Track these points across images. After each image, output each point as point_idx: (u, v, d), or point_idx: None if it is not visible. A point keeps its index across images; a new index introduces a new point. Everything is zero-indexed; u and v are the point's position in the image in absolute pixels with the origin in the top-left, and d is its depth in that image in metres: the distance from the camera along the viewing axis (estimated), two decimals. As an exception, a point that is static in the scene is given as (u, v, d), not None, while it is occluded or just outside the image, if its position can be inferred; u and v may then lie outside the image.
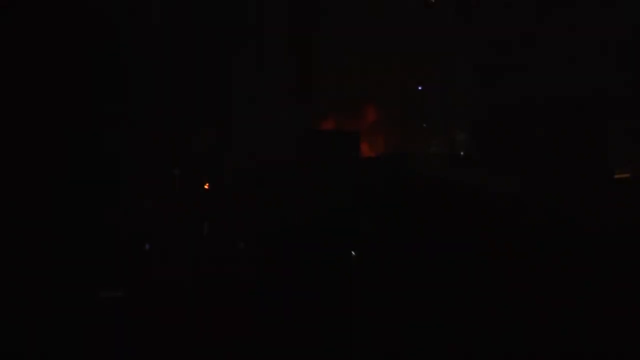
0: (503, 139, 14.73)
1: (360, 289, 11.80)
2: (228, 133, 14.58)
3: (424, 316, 10.63)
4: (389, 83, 15.57)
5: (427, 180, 14.06)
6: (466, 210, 13.23)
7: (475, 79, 15.26)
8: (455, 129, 15.67)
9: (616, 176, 14.63)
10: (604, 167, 14.44)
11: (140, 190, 13.66)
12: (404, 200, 13.74)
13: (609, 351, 9.70)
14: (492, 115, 14.90)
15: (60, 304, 11.49)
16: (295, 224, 13.55)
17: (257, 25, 15.00)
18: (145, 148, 13.87)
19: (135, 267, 12.72)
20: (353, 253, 12.83)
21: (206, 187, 14.42)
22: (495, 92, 14.92)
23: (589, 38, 14.54)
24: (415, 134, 15.73)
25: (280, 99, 14.87)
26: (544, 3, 14.86)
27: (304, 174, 14.03)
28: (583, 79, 14.36)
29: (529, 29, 14.87)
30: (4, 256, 12.02)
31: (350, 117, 15.51)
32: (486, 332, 10.25)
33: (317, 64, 15.30)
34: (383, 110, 15.72)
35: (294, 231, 13.45)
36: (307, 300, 12.13)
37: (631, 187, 14.39)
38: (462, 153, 15.56)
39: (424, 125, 15.80)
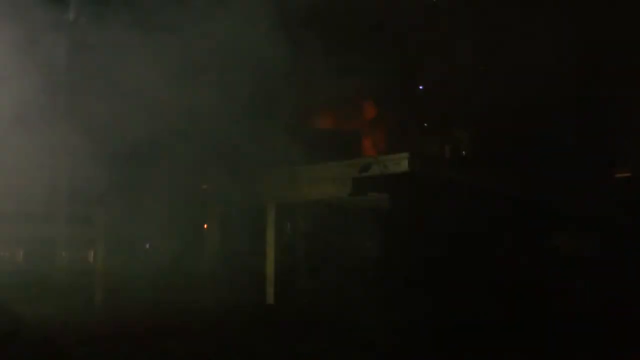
0: (503, 139, 14.76)
1: (360, 288, 11.82)
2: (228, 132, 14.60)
3: (423, 314, 10.63)
4: (389, 82, 15.62)
5: (428, 181, 14.08)
6: (466, 210, 13.24)
7: (475, 79, 15.31)
8: (455, 129, 15.71)
9: (617, 176, 14.68)
10: (604, 167, 14.48)
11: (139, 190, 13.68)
12: (404, 200, 13.75)
13: (608, 352, 9.68)
14: (492, 115, 14.93)
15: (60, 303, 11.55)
16: (294, 223, 13.62)
17: (257, 24, 15.02)
18: (146, 148, 13.89)
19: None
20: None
21: (204, 187, 14.47)
22: (495, 92, 14.96)
23: (590, 38, 14.58)
24: (415, 134, 15.78)
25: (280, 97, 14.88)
26: (544, 3, 14.93)
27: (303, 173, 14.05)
28: (583, 79, 14.41)
29: (530, 29, 14.92)
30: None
31: (350, 117, 15.55)
32: (486, 332, 10.26)
33: (316, 63, 15.33)
34: (383, 110, 15.76)
35: (294, 230, 13.51)
36: (308, 299, 12.19)
37: (631, 186, 14.43)
38: (462, 153, 15.61)
39: (424, 125, 15.85)
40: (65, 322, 10.76)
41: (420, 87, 15.74)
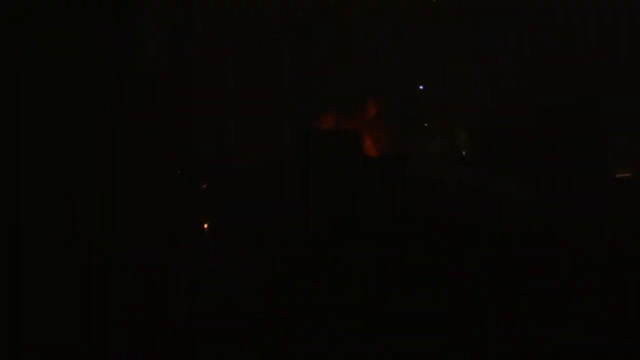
0: (503, 139, 14.74)
1: (360, 289, 11.81)
2: (227, 133, 14.61)
3: (422, 316, 10.64)
4: (390, 82, 15.57)
5: (427, 180, 14.08)
6: (466, 211, 13.24)
7: (475, 79, 15.28)
8: (455, 129, 15.66)
9: (617, 176, 14.66)
10: (604, 167, 14.45)
11: (140, 190, 13.67)
12: (404, 200, 13.75)
13: (609, 353, 9.70)
14: (492, 115, 14.91)
15: (59, 304, 11.52)
16: (294, 223, 13.57)
17: (256, 23, 15.02)
18: (145, 148, 13.88)
19: (135, 268, 12.74)
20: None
21: (204, 186, 14.46)
22: (495, 92, 14.94)
23: (589, 38, 14.56)
24: (415, 133, 15.73)
25: (280, 98, 14.87)
26: (544, 3, 14.89)
27: (303, 173, 14.05)
28: (583, 79, 14.38)
29: (530, 29, 14.89)
30: (4, 256, 12.05)
31: (350, 116, 15.50)
32: (484, 333, 10.26)
33: (317, 63, 15.31)
34: (383, 110, 15.71)
35: (293, 231, 13.47)
36: (307, 300, 12.15)
37: (632, 186, 14.41)
38: (463, 153, 15.57)
39: (425, 125, 15.79)
40: None
41: (421, 87, 15.70)
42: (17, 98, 12.89)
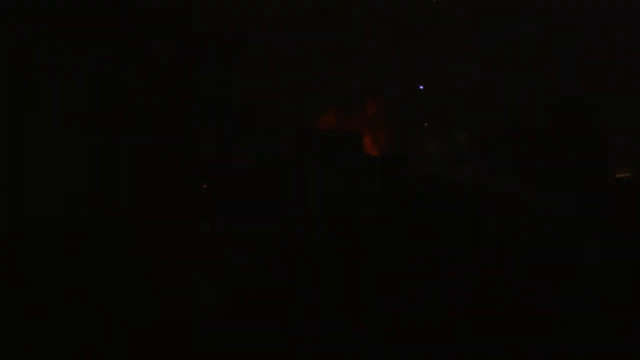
0: (503, 139, 14.76)
1: (360, 289, 11.83)
2: (228, 133, 14.62)
3: (422, 316, 10.66)
4: (390, 82, 15.58)
5: (427, 180, 14.09)
6: (466, 211, 13.26)
7: (475, 79, 15.30)
8: (456, 129, 15.69)
9: (617, 176, 14.67)
10: (604, 167, 14.47)
11: (140, 190, 13.68)
12: (404, 201, 13.77)
13: (609, 354, 9.71)
14: (492, 115, 14.93)
15: (59, 304, 11.54)
16: (295, 224, 13.59)
17: (257, 23, 15.03)
18: (144, 147, 13.89)
19: (135, 268, 12.75)
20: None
21: (204, 186, 14.46)
22: (495, 92, 14.96)
23: (589, 38, 14.59)
24: (415, 133, 15.75)
25: (280, 98, 14.89)
26: (544, 3, 14.91)
27: (303, 173, 14.06)
28: (583, 79, 14.40)
29: (530, 29, 14.91)
30: (5, 256, 12.06)
31: (350, 116, 15.52)
32: (483, 333, 10.28)
33: (317, 63, 15.32)
34: (383, 110, 15.72)
35: (293, 231, 13.49)
36: (307, 301, 12.19)
37: (632, 186, 14.43)
38: (462, 153, 15.58)
39: (425, 124, 15.81)
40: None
41: (421, 87, 15.72)
42: (17, 98, 12.92)
